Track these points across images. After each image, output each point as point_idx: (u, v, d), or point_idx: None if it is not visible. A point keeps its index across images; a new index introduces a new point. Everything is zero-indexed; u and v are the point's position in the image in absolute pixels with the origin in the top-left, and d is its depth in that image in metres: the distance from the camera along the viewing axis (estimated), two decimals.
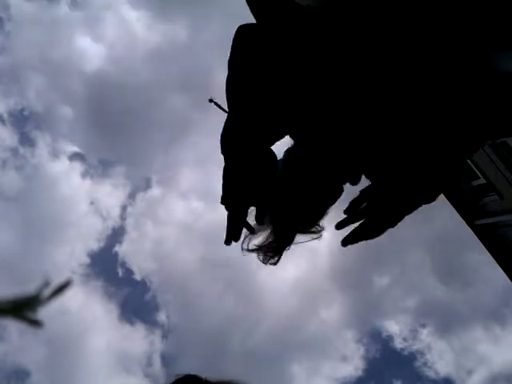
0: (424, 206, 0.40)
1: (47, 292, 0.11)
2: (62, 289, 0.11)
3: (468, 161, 2.94)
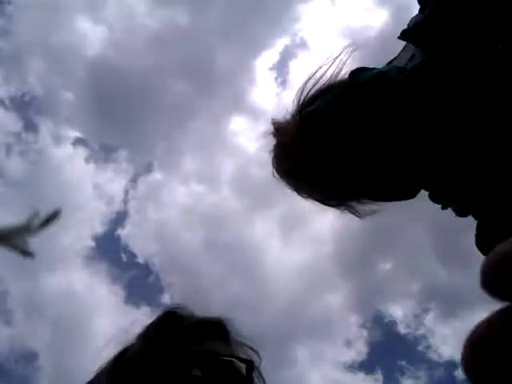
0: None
1: (37, 222, 0.11)
2: (51, 219, 0.12)
3: None
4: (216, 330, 0.29)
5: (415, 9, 0.38)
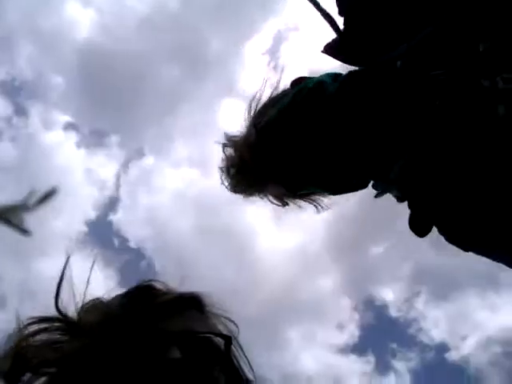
0: None
1: (34, 200, 0.11)
2: (48, 196, 0.12)
3: None
4: (192, 305, 0.28)
5: None
